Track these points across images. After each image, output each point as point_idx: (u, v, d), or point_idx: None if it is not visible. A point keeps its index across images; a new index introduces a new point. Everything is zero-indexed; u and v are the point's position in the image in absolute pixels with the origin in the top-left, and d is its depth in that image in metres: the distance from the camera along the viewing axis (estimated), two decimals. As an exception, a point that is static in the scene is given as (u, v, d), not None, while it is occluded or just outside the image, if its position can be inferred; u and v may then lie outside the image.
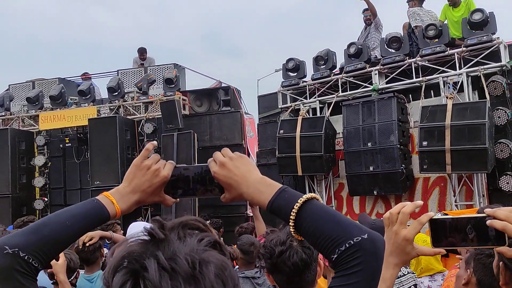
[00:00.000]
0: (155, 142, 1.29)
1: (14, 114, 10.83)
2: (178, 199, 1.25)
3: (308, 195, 1.06)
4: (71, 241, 1.11)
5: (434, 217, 1.10)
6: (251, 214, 9.49)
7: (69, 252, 3.09)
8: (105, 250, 3.72)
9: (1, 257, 0.97)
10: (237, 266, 3.97)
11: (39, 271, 1.02)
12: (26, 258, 0.98)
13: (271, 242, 1.71)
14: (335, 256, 0.98)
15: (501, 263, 1.23)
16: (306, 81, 8.45)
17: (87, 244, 3.28)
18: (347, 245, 0.97)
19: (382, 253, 1.01)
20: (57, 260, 2.58)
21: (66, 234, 1.06)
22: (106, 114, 9.90)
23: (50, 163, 10.53)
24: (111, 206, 1.13)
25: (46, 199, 10.34)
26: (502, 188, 6.59)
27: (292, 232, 1.05)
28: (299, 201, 1.04)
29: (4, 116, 10.83)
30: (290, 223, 1.04)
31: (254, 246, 3.55)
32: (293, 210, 1.03)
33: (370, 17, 8.46)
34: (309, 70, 8.44)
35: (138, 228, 3.56)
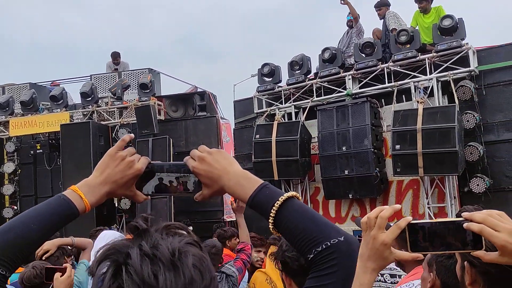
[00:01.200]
0: (132, 135, 1.29)
1: (-18, 120, 10.53)
2: (149, 197, 1.22)
3: (289, 193, 1.07)
4: (39, 244, 1.07)
5: (412, 222, 1.09)
6: (228, 220, 9.48)
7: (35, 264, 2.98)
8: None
9: None
10: None
11: (8, 278, 0.99)
12: None
13: (286, 246, 1.75)
14: (311, 256, 0.99)
15: (465, 262, 1.23)
16: (281, 86, 8.52)
17: (43, 258, 3.09)
18: (324, 246, 0.99)
19: (357, 255, 1.03)
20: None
21: (33, 237, 1.02)
22: (79, 120, 9.73)
23: (20, 170, 10.29)
24: (79, 201, 1.09)
25: (15, 207, 10.08)
26: (473, 190, 6.77)
27: (271, 229, 1.06)
28: (280, 198, 1.05)
29: (-28, 122, 10.52)
30: (270, 220, 1.05)
31: (216, 248, 3.58)
32: (273, 207, 1.04)
33: (352, 20, 8.59)
34: (284, 75, 8.54)
35: (110, 237, 3.51)
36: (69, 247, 3.48)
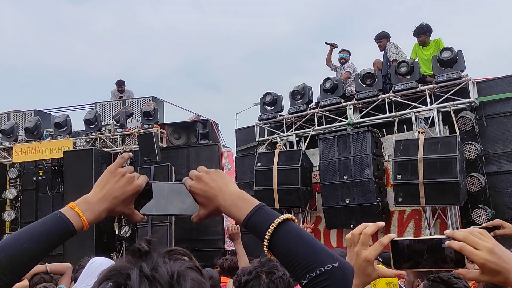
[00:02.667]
0: (130, 153, 1.32)
1: (-13, 146, 10.57)
2: (145, 217, 1.21)
3: (285, 216, 1.05)
4: (33, 264, 1.02)
5: (395, 239, 1.10)
6: (228, 249, 9.34)
7: None
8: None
9: None
10: None
11: None
12: None
13: (242, 271, 1.70)
14: (305, 281, 0.98)
15: None
16: (283, 115, 8.57)
17: None
18: (318, 272, 0.97)
19: (351, 282, 1.01)
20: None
21: (25, 257, 0.98)
22: (82, 147, 9.76)
23: (22, 196, 10.24)
24: (76, 219, 1.05)
25: (16, 234, 9.98)
26: (475, 221, 6.67)
27: (265, 251, 1.05)
28: (275, 221, 1.04)
29: (-24, 148, 10.56)
30: (265, 242, 1.04)
31: (213, 279, 3.49)
32: (268, 229, 1.03)
33: (347, 57, 8.77)
34: (286, 104, 8.61)
35: (99, 265, 3.42)
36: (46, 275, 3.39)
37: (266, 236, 1.03)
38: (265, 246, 1.04)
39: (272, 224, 1.03)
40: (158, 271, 0.75)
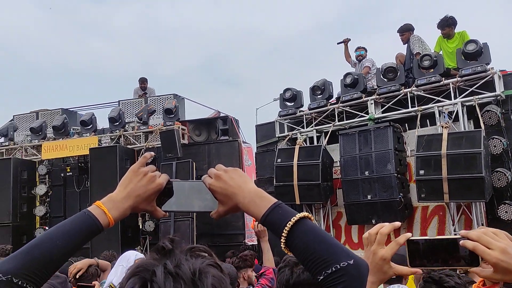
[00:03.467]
0: (152, 153, 1.37)
1: (17, 144, 10.90)
2: (167, 213, 1.25)
3: (301, 214, 1.08)
4: (64, 259, 1.08)
5: (411, 238, 1.12)
6: (250, 243, 9.36)
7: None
8: None
9: None
10: None
11: None
12: (20, 283, 0.98)
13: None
14: (321, 277, 1.01)
15: None
16: (303, 111, 8.49)
17: (77, 276, 3.22)
18: (333, 269, 1.00)
19: (366, 278, 1.03)
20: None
21: (58, 253, 1.05)
22: (107, 144, 9.94)
23: (51, 192, 10.52)
24: (102, 217, 1.12)
25: (46, 228, 10.26)
26: (501, 217, 6.48)
27: (282, 248, 1.08)
28: (292, 219, 1.06)
29: (7, 146, 10.91)
30: (282, 239, 1.07)
31: (230, 275, 3.48)
32: (285, 227, 1.06)
33: (363, 54, 8.62)
34: (306, 100, 8.52)
35: (130, 257, 3.53)
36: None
37: (283, 234, 1.06)
38: (282, 243, 1.07)
39: (289, 222, 1.06)
40: (181, 268, 0.80)
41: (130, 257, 3.40)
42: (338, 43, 8.94)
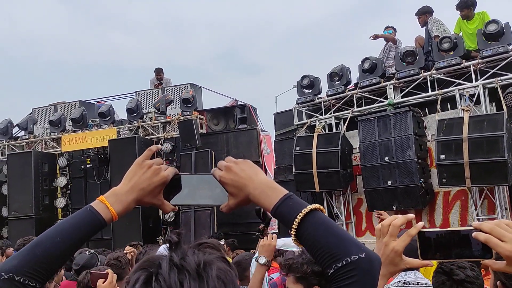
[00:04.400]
0: (159, 146, 1.38)
1: (37, 137, 11.20)
2: (176, 207, 1.27)
3: (312, 205, 1.08)
4: (67, 255, 1.11)
5: (422, 230, 1.12)
6: (270, 232, 9.52)
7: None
8: None
9: (0, 284, 1.02)
10: None
11: None
12: (21, 280, 1.01)
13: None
14: (331, 271, 1.01)
15: (498, 282, 1.26)
16: (321, 98, 8.55)
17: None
18: (344, 262, 0.99)
19: (378, 273, 1.03)
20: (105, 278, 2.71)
21: (59, 250, 1.07)
22: (125, 135, 10.16)
23: (71, 184, 10.81)
24: (105, 211, 1.13)
25: (68, 220, 10.57)
26: (525, 201, 6.50)
27: (293, 240, 1.08)
28: (302, 211, 1.06)
29: (28, 139, 11.22)
30: (292, 232, 1.07)
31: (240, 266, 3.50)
32: (296, 219, 1.06)
33: (392, 33, 8.55)
34: (324, 86, 8.58)
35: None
36: None
37: (293, 226, 1.06)
38: (292, 235, 1.07)
39: (300, 213, 1.06)
40: (186, 260, 0.83)
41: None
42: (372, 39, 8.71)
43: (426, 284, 2.59)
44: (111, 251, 6.86)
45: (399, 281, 2.59)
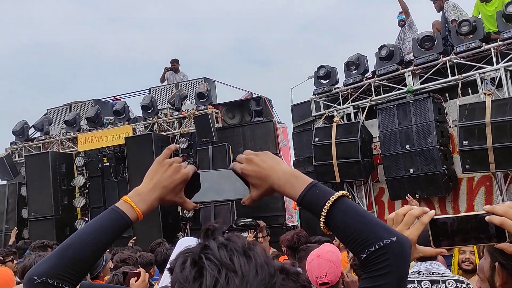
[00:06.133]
0: (177, 145, 1.47)
1: (53, 138, 11.43)
2: (198, 205, 1.29)
3: (340, 192, 1.09)
4: (97, 256, 1.15)
5: (434, 217, 1.12)
6: (290, 224, 9.67)
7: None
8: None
9: None
10: None
11: None
12: (55, 283, 1.06)
13: None
14: (364, 255, 1.03)
15: (497, 264, 1.26)
16: (338, 87, 8.62)
17: None
18: (377, 247, 1.01)
19: (409, 256, 1.05)
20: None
21: (89, 251, 1.11)
22: (141, 132, 10.31)
23: (89, 183, 11.03)
24: (130, 211, 1.17)
25: (87, 219, 10.80)
26: (551, 184, 6.53)
27: (322, 227, 1.10)
28: (331, 198, 1.07)
29: (44, 140, 11.45)
30: (321, 219, 1.08)
31: None
32: (324, 207, 1.07)
33: (404, 18, 8.61)
34: (341, 76, 8.63)
35: (190, 242, 3.86)
36: None
37: (322, 214, 1.07)
38: (321, 223, 1.08)
39: (328, 201, 1.07)
40: (232, 240, 0.88)
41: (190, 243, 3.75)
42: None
43: (442, 274, 2.65)
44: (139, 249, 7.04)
45: (414, 271, 2.65)
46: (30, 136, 11.74)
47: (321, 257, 2.61)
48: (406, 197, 6.01)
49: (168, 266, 0.92)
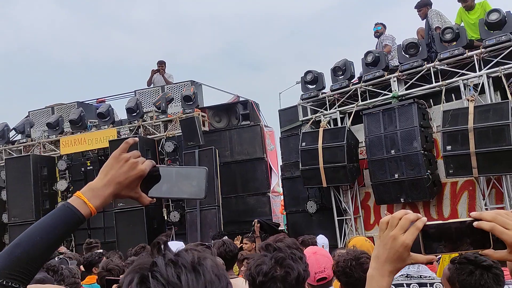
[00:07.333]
0: (136, 138, 1.42)
1: (35, 140, 11.34)
2: (154, 199, 1.29)
3: None
4: (47, 254, 1.14)
5: (426, 223, 1.12)
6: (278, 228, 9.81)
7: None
8: None
9: None
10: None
11: None
12: (4, 282, 1.05)
13: (256, 269, 1.77)
14: None
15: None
16: (325, 93, 8.82)
17: None
18: None
19: None
20: None
21: (39, 249, 1.10)
22: (126, 135, 10.34)
23: (72, 187, 10.94)
24: (83, 207, 1.16)
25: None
26: (532, 189, 6.80)
27: None
28: None
29: (25, 142, 11.37)
30: None
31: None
32: None
33: (379, 30, 8.90)
34: (328, 81, 8.83)
35: (175, 246, 3.94)
36: None
37: None
38: None
39: None
40: (180, 255, 0.86)
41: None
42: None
43: (430, 277, 2.73)
44: (118, 251, 7.10)
45: (402, 274, 2.73)
46: (11, 139, 11.65)
47: (318, 253, 2.74)
48: (385, 213, 6.20)
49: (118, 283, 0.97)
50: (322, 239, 5.74)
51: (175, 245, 4.02)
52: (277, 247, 1.77)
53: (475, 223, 1.06)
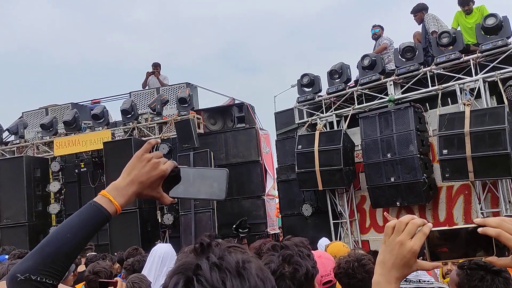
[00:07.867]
0: (158, 140, 1.52)
1: (28, 141, 11.29)
2: (175, 199, 1.33)
3: None
4: (77, 251, 1.18)
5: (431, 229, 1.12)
6: (271, 232, 9.81)
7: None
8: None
9: (16, 286, 1.09)
10: None
11: (57, 286, 1.13)
12: (38, 279, 1.09)
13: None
14: None
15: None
16: (321, 96, 8.84)
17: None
18: None
19: None
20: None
21: (70, 246, 1.15)
22: (120, 137, 10.28)
23: (65, 189, 10.88)
24: (109, 205, 1.21)
25: (62, 226, 10.68)
26: (527, 194, 6.83)
27: None
28: None
29: (18, 144, 11.29)
30: None
31: None
32: None
33: (377, 32, 8.94)
34: (324, 84, 8.86)
35: (164, 249, 3.89)
36: None
37: None
38: None
39: None
40: (224, 259, 0.86)
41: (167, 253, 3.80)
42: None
43: (428, 281, 2.72)
44: (111, 255, 7.07)
45: None
46: (4, 140, 11.57)
47: (322, 257, 2.72)
48: (384, 214, 6.22)
49: (163, 284, 0.91)
50: (325, 242, 5.78)
51: (163, 248, 3.98)
52: (284, 245, 1.77)
53: (480, 229, 1.06)
